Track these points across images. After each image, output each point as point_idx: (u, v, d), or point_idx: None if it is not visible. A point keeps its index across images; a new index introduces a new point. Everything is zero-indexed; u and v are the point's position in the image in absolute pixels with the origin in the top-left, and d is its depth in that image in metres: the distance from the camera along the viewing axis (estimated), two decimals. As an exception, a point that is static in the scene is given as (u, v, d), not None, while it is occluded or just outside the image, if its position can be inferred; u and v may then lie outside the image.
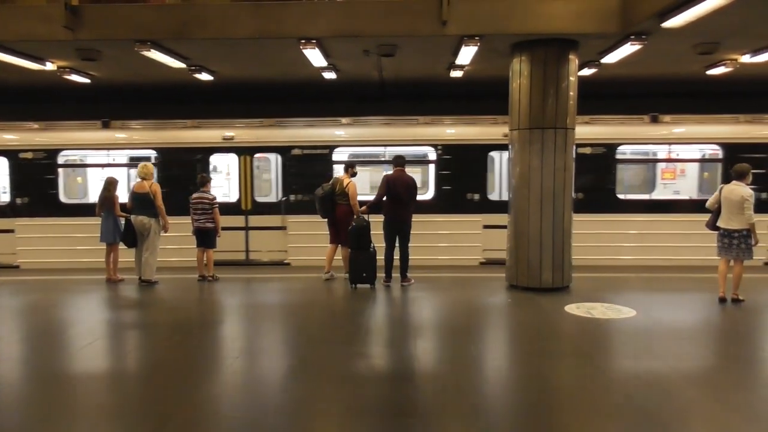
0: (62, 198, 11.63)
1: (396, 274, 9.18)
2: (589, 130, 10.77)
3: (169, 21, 8.13)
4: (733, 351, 6.22)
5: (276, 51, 8.98)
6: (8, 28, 8.17)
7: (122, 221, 9.60)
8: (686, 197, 11.62)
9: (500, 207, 10.25)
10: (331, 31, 8.11)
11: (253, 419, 4.45)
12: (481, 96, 11.69)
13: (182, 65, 9.50)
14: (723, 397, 4.83)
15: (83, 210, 11.01)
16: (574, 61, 8.53)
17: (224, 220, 9.99)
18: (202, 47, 8.75)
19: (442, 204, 11.33)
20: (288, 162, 11.40)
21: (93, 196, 11.23)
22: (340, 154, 11.38)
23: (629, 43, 8.17)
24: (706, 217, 8.05)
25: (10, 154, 11.44)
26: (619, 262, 10.92)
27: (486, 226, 11.12)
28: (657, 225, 11.03)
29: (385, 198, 9.04)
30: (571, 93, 8.54)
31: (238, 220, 11.28)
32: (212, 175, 11.06)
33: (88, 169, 12.44)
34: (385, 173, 9.54)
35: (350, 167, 9.64)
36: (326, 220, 9.59)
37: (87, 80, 10.58)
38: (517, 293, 8.71)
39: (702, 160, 11.88)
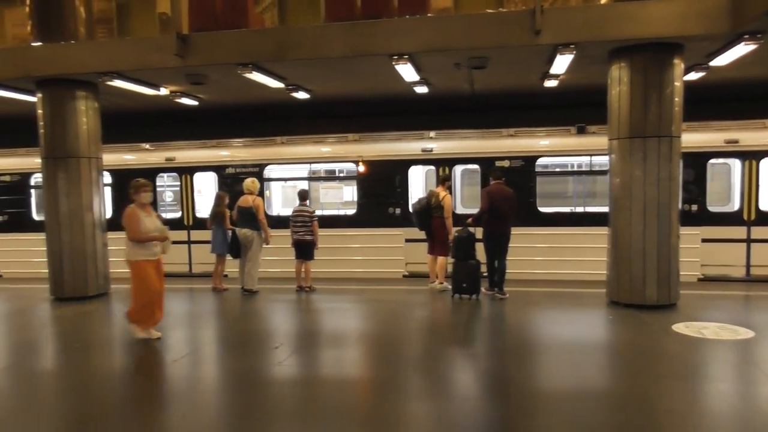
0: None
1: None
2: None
3: (269, 43, 8.54)
4: None
5: (369, 67, 9.18)
6: (127, 59, 8.93)
7: (230, 233, 10.15)
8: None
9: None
10: (422, 46, 8.17)
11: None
12: (576, 105, 11.37)
13: (281, 85, 9.94)
14: None
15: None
16: (678, 65, 8.06)
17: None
18: (298, 67, 9.10)
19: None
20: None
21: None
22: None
23: (742, 43, 7.62)
24: None
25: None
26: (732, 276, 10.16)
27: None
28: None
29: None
30: (676, 99, 8.07)
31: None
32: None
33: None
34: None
35: (446, 180, 9.82)
36: (424, 232, 9.76)
37: (195, 102, 11.31)
38: (619, 310, 8.28)
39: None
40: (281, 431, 4.60)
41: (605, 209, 10.83)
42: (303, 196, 10.10)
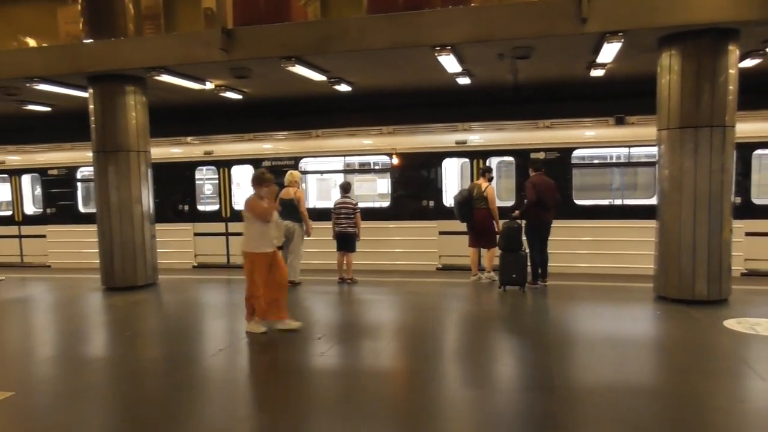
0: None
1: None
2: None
3: (312, 36, 8.58)
4: None
5: (411, 59, 9.15)
6: (173, 54, 9.13)
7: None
8: None
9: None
10: (465, 37, 8.09)
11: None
12: (615, 96, 11.10)
13: (323, 78, 9.99)
14: None
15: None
16: (734, 52, 7.77)
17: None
18: (341, 59, 9.13)
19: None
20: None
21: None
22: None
23: (802, 28, 7.31)
24: None
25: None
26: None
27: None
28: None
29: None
30: (731, 87, 7.78)
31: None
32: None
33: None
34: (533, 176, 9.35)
35: (487, 172, 9.80)
36: (465, 224, 9.78)
37: (239, 96, 11.48)
38: (666, 305, 8.08)
39: None
40: (324, 422, 4.65)
41: (645, 201, 10.70)
42: (346, 188, 10.16)
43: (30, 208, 14.12)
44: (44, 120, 13.99)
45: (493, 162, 11.61)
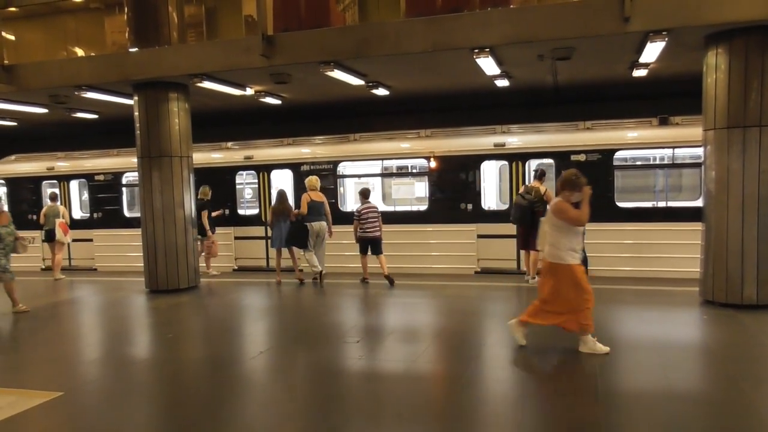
0: None
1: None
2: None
3: (350, 41, 8.66)
4: None
5: (449, 62, 9.14)
6: (215, 60, 9.32)
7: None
8: None
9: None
10: (504, 39, 8.05)
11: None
12: (658, 96, 10.84)
13: (361, 82, 10.06)
14: None
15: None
16: (784, 48, 7.54)
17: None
18: (379, 63, 9.18)
19: None
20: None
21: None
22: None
23: None
24: None
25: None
26: None
27: None
28: None
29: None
30: (780, 85, 7.55)
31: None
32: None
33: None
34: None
35: (543, 175, 9.90)
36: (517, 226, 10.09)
37: (278, 101, 11.64)
38: (714, 309, 7.86)
39: None
40: (359, 426, 4.67)
41: (690, 203, 10.42)
42: (366, 194, 10.40)
43: (77, 213, 14.58)
44: (92, 127, 14.44)
45: (532, 164, 11.49)
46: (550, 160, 11.14)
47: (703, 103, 8.04)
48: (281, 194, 10.89)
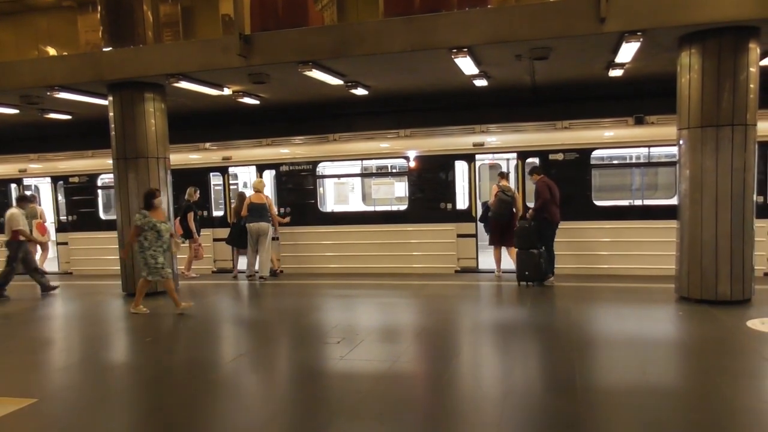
0: None
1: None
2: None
3: (329, 41, 8.63)
4: None
5: (428, 62, 9.14)
6: (192, 60, 9.21)
7: None
8: None
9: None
10: (483, 39, 8.09)
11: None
12: (633, 96, 10.98)
13: (340, 82, 10.03)
14: None
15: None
16: (754, 50, 7.70)
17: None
18: (358, 63, 9.16)
19: None
20: None
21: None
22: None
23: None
24: None
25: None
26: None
27: None
28: None
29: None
30: (752, 86, 7.71)
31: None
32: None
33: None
34: (540, 177, 9.65)
35: (508, 174, 10.49)
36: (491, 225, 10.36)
37: (257, 102, 11.55)
38: (689, 306, 7.99)
39: None
40: (344, 425, 4.66)
41: (665, 201, 10.60)
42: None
43: (51, 216, 14.29)
44: (65, 128, 14.17)
45: (511, 164, 11.58)
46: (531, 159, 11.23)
47: (678, 103, 8.17)
48: (240, 195, 11.43)
